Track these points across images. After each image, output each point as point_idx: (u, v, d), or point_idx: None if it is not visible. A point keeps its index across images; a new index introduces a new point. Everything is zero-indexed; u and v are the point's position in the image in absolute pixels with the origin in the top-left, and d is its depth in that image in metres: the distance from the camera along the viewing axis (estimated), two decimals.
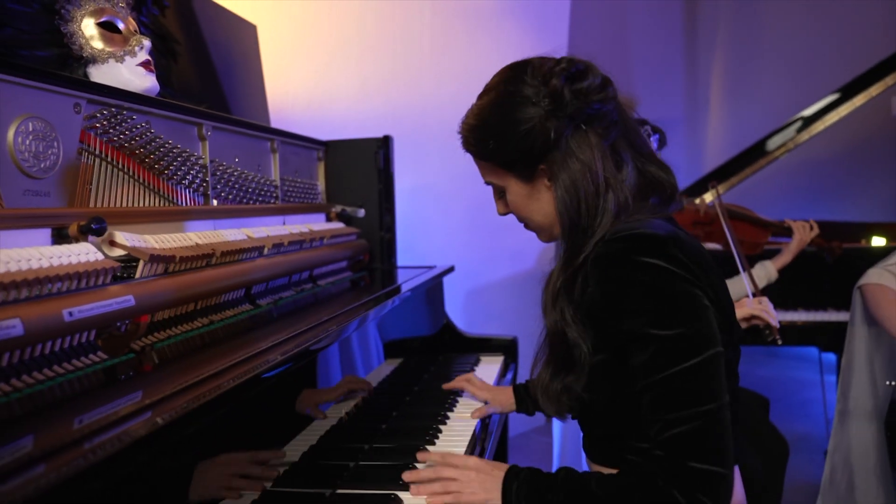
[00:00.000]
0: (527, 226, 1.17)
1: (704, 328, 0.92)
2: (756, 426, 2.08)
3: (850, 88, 3.41)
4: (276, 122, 2.28)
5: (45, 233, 0.99)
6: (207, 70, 1.83)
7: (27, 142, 0.98)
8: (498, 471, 1.04)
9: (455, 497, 1.04)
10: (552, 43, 3.34)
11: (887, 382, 2.04)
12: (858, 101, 3.34)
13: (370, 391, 1.49)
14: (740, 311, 2.00)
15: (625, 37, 4.36)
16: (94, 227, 1.00)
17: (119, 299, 0.96)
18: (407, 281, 1.85)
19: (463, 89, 3.14)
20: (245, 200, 1.62)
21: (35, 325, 0.80)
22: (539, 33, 3.27)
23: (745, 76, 5.29)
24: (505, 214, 1.18)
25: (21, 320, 0.78)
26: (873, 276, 2.02)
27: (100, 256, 0.98)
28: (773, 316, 2.00)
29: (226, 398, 0.85)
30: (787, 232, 2.66)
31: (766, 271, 2.50)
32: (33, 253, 0.87)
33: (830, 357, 3.37)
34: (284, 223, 1.76)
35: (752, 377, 4.55)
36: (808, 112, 3.52)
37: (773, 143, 3.59)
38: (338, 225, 2.03)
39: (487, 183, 1.16)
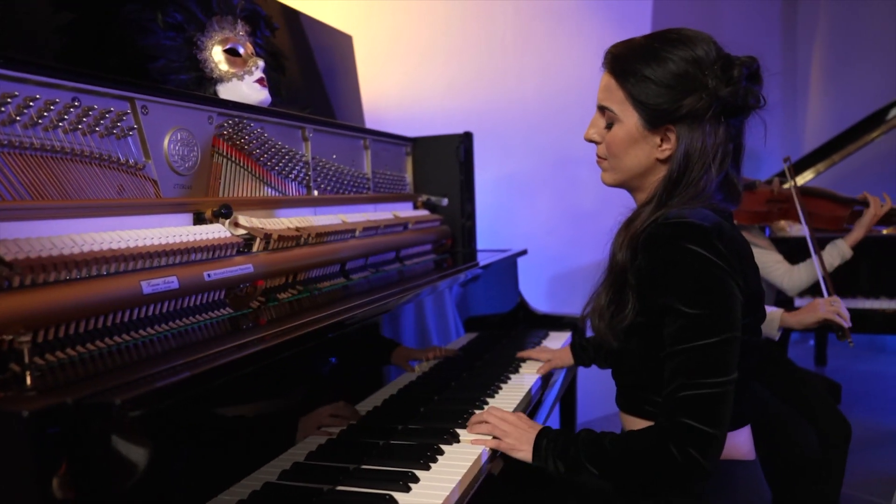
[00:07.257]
0: (605, 159, 1.23)
1: (726, 313, 1.04)
2: (817, 406, 2.15)
3: None
4: (370, 121, 2.57)
5: (189, 216, 1.30)
6: (311, 79, 2.13)
7: (176, 147, 1.29)
8: (532, 429, 1.24)
9: (496, 443, 1.26)
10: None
11: None
12: None
13: (451, 357, 1.73)
14: (813, 315, 2.03)
15: (715, 30, 4.36)
16: (224, 212, 1.30)
17: (241, 266, 1.25)
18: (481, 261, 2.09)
19: (543, 85, 3.36)
20: (341, 191, 1.91)
21: (185, 282, 1.10)
22: (619, 30, 3.38)
23: (846, 62, 5.14)
24: (590, 140, 1.24)
25: (177, 277, 1.08)
26: None
27: (228, 234, 1.28)
28: (846, 317, 2.01)
29: (312, 336, 1.12)
30: (867, 205, 2.57)
31: (838, 250, 2.49)
32: (182, 231, 1.17)
33: None
34: (375, 211, 2.04)
35: (851, 371, 4.47)
36: None
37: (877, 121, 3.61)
38: (423, 212, 2.29)
39: (601, 107, 1.21)
